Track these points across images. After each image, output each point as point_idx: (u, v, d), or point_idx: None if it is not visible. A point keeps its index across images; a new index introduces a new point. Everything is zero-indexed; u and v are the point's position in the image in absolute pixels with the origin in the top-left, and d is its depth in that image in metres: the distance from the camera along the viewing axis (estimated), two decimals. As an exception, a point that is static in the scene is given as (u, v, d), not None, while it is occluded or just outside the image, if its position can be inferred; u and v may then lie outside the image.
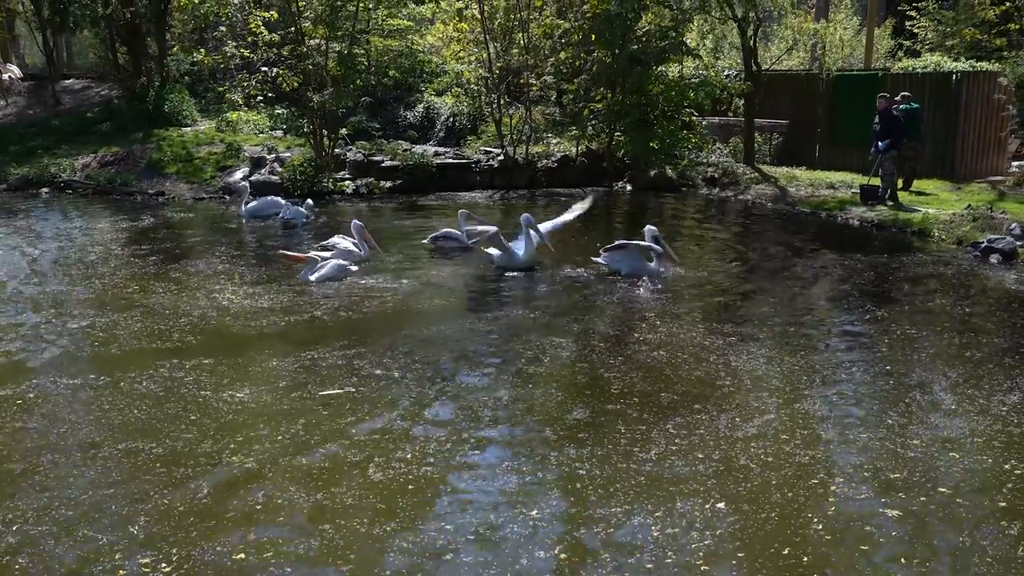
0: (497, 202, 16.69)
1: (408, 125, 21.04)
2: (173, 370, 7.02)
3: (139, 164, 18.75)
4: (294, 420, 6.02)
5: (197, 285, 9.80)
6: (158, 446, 5.58)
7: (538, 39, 18.58)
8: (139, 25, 22.34)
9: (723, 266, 11.44)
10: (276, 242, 12.59)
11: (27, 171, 18.41)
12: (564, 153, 18.37)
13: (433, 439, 5.79)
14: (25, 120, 23.04)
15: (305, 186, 16.72)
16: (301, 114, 17.74)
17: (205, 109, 22.48)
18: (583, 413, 6.25)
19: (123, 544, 4.49)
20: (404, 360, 7.35)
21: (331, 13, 17.28)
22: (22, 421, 6.10)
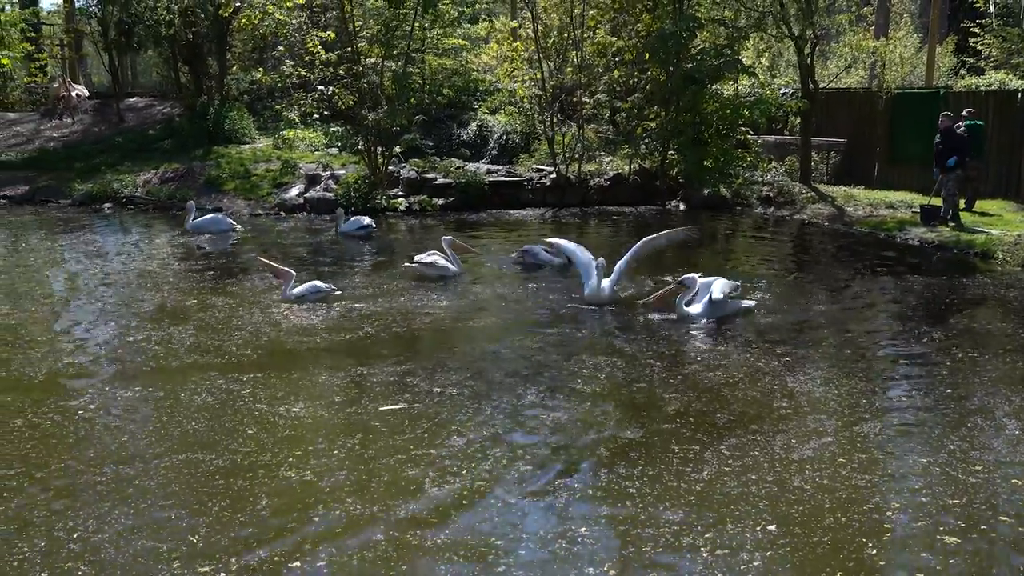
0: (549, 220, 16.70)
1: (461, 143, 21.19)
2: (229, 383, 7.12)
3: (198, 180, 19.14)
4: (351, 434, 6.07)
5: (252, 300, 9.94)
6: (217, 458, 5.66)
7: (592, 58, 18.60)
8: (201, 45, 22.87)
9: (778, 286, 11.29)
10: (331, 258, 12.75)
11: (91, 187, 18.90)
12: (617, 171, 18.34)
13: (489, 455, 5.79)
14: (90, 137, 23.71)
15: (359, 203, 16.92)
16: (356, 132, 17.97)
17: (263, 127, 22.89)
18: (637, 432, 6.20)
19: (182, 553, 4.55)
20: (457, 377, 7.37)
21: (387, 33, 17.53)
22: (84, 431, 6.23)
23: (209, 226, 14.51)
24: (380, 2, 17.56)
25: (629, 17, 18.17)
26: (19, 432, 6.12)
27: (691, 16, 16.86)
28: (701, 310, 8.98)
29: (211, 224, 14.54)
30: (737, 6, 18.17)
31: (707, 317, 8.94)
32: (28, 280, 11.55)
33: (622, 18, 18.35)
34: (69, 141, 23.60)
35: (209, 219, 14.69)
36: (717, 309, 8.92)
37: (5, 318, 9.30)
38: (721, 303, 8.90)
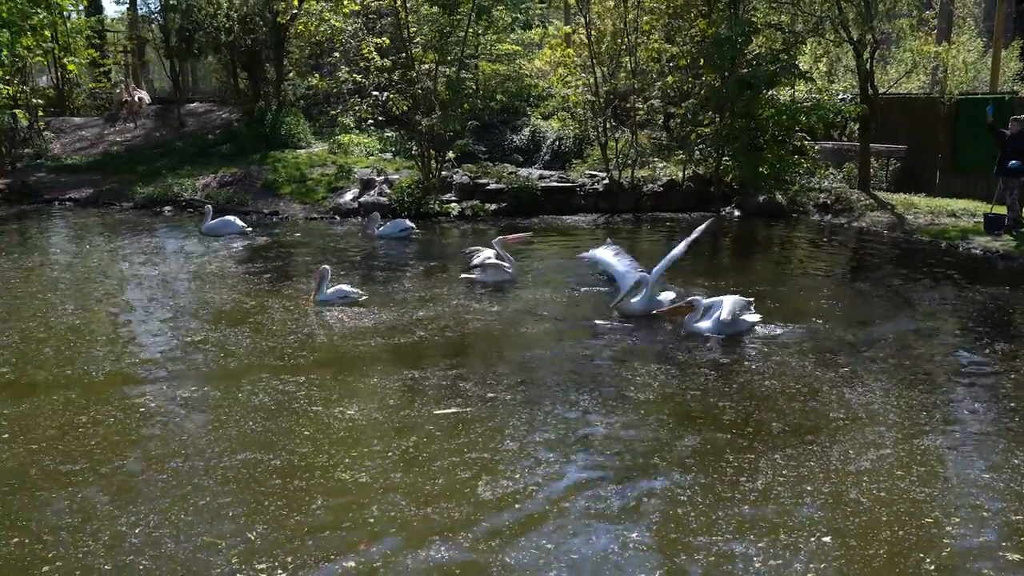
0: (601, 226, 16.65)
1: (514, 148, 21.24)
2: (285, 385, 7.22)
3: (255, 184, 19.46)
4: (405, 437, 6.12)
5: (306, 303, 10.06)
6: (274, 458, 5.75)
7: (645, 63, 18.52)
8: (259, 52, 23.25)
9: (836, 294, 11.10)
10: (383, 262, 12.87)
11: (152, 190, 19.34)
12: (670, 177, 18.22)
13: (541, 460, 5.80)
14: (152, 142, 24.27)
15: (412, 208, 17.06)
16: (410, 137, 18.12)
17: (318, 132, 23.20)
18: (692, 440, 6.16)
19: (240, 550, 4.64)
20: (509, 381, 7.38)
21: (441, 39, 17.66)
22: (146, 429, 6.38)
23: (222, 228, 15.11)
24: (435, 8, 17.68)
25: (684, 22, 18.05)
26: (84, 428, 6.29)
27: (747, 21, 16.69)
28: (710, 327, 8.80)
29: (223, 226, 15.14)
30: (794, 11, 17.93)
31: (716, 334, 8.75)
32: (91, 280, 11.85)
33: (676, 23, 18.24)
34: (132, 145, 24.19)
35: (221, 222, 15.25)
36: (726, 327, 8.74)
37: (70, 317, 9.56)
38: (731, 323, 8.74)
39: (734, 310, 8.76)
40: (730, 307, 8.76)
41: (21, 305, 10.11)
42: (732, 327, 8.74)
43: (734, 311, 8.74)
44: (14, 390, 7.16)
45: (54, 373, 7.58)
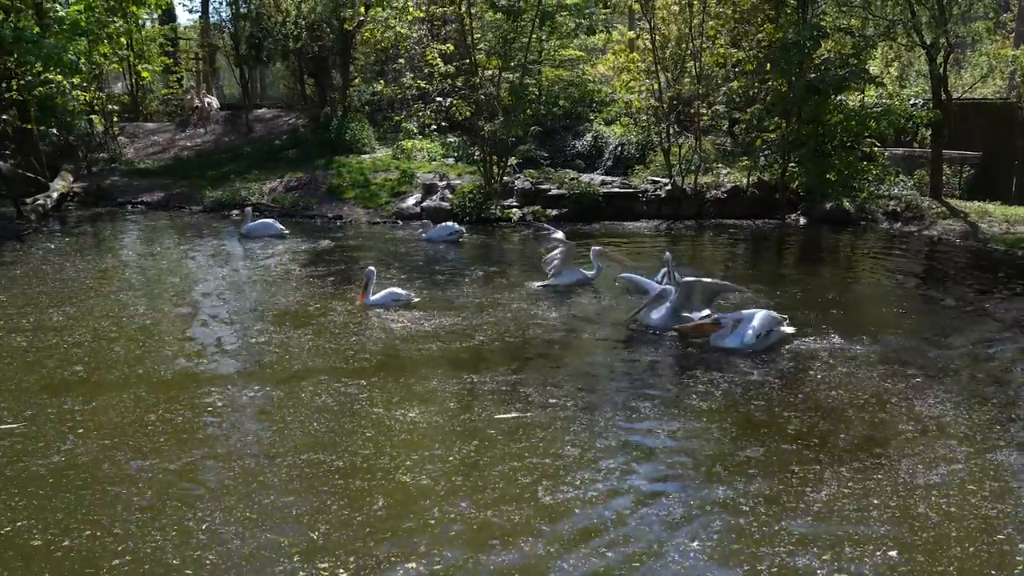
0: (663, 232, 16.51)
1: (576, 154, 21.20)
2: (346, 387, 7.30)
3: (320, 189, 19.76)
4: (466, 440, 6.14)
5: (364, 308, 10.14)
6: (337, 459, 5.81)
7: (710, 68, 18.33)
8: (325, 58, 23.64)
9: (905, 305, 10.82)
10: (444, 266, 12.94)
11: (220, 194, 19.77)
12: (734, 184, 17.98)
13: (602, 466, 5.77)
14: (221, 147, 24.83)
15: (474, 212, 17.14)
16: (472, 143, 18.22)
17: (382, 137, 23.47)
18: (756, 450, 6.06)
19: (303, 548, 4.70)
20: (569, 388, 7.36)
21: (504, 45, 17.73)
22: (212, 427, 6.50)
23: (260, 230, 15.58)
24: (499, 15, 17.76)
25: (750, 27, 17.82)
26: (153, 426, 6.44)
27: (815, 25, 16.41)
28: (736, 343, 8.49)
29: (262, 228, 15.61)
30: (865, 15, 17.57)
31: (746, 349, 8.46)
32: (161, 282, 12.15)
33: (743, 28, 18.01)
34: (202, 150, 24.78)
35: (260, 224, 15.74)
36: (759, 343, 8.46)
37: (141, 318, 9.81)
38: (758, 340, 8.45)
39: (762, 329, 8.43)
40: (758, 324, 8.44)
41: (95, 305, 10.41)
42: (759, 344, 8.44)
43: (762, 329, 8.43)
44: (87, 387, 7.37)
45: (124, 371, 7.78)
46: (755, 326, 8.41)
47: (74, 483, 5.49)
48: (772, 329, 8.54)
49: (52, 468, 5.69)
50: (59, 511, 5.12)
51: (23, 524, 4.96)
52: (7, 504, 5.18)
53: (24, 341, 8.70)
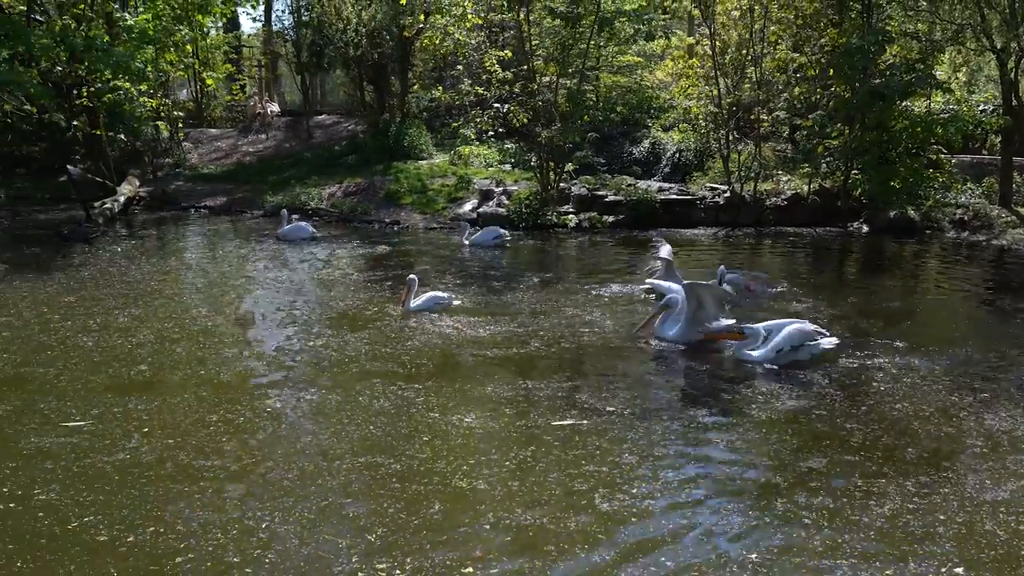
0: (721, 240, 16.32)
1: (633, 160, 21.09)
2: (403, 391, 7.34)
3: (378, 194, 19.96)
4: (523, 447, 6.11)
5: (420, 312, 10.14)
6: (395, 462, 5.84)
7: (771, 74, 18.08)
8: (385, 65, 23.91)
9: (972, 316, 10.53)
10: (498, 271, 12.95)
11: (281, 199, 20.09)
12: (795, 191, 17.70)
13: (660, 475, 5.71)
14: (282, 152, 25.27)
15: (530, 218, 17.16)
16: (529, 149, 18.24)
17: (440, 143, 23.65)
18: (818, 462, 5.93)
19: (360, 549, 4.73)
20: (625, 395, 7.29)
21: (562, 51, 17.73)
22: (272, 428, 6.59)
23: (294, 233, 16.13)
24: (557, 21, 17.76)
25: (813, 32, 17.53)
26: (215, 427, 6.54)
27: (880, 30, 16.08)
28: (761, 356, 8.15)
29: (295, 231, 16.16)
30: (932, 19, 17.18)
31: (769, 363, 8.14)
32: (223, 285, 12.38)
33: (805, 33, 17.72)
34: (263, 155, 25.24)
35: (293, 227, 16.27)
36: (780, 358, 8.13)
37: (203, 320, 10.00)
38: (785, 355, 8.10)
39: (786, 344, 8.04)
40: (782, 339, 8.05)
41: (158, 307, 10.64)
42: (784, 359, 8.10)
43: (785, 344, 8.04)
44: (150, 387, 7.53)
45: (186, 372, 7.93)
46: (778, 341, 8.04)
47: (138, 480, 5.60)
48: (803, 344, 8.10)
49: (117, 465, 5.82)
50: (124, 507, 5.23)
51: (89, 519, 5.08)
52: (75, 499, 5.31)
53: (91, 341, 8.93)
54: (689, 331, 8.61)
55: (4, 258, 13.91)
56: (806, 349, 8.15)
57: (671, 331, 8.72)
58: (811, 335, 8.18)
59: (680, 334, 8.68)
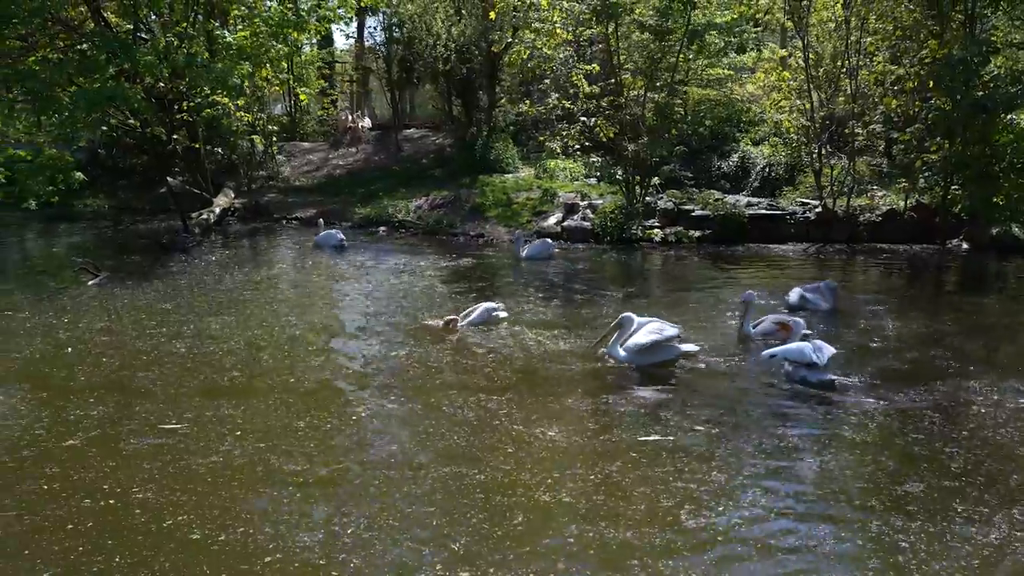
0: (811, 256, 15.90)
1: (721, 174, 20.76)
2: (485, 402, 7.36)
3: (464, 208, 20.13)
4: (608, 461, 6.05)
5: (505, 324, 10.17)
6: (479, 473, 5.85)
7: (867, 86, 17.58)
8: (473, 80, 24.15)
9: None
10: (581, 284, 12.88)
11: (369, 211, 20.47)
12: (890, 207, 17.14)
13: (748, 493, 5.57)
14: (371, 165, 25.73)
15: (615, 232, 17.05)
16: (615, 162, 18.13)
17: (525, 157, 23.73)
18: (915, 486, 5.69)
19: (444, 557, 4.74)
20: (710, 412, 7.15)
21: (650, 65, 17.60)
22: (358, 436, 6.68)
23: (324, 240, 17.18)
24: (646, 35, 17.65)
25: (912, 43, 16.98)
26: (303, 432, 6.67)
27: (984, 40, 15.46)
28: (622, 356, 8.37)
29: (326, 239, 17.17)
30: (1040, 28, 16.47)
31: (632, 363, 8.32)
32: (311, 294, 12.65)
33: (904, 44, 17.18)
34: (353, 169, 25.74)
35: (325, 235, 17.30)
36: (643, 356, 8.22)
37: (291, 328, 10.22)
38: (647, 350, 8.21)
39: (649, 338, 8.17)
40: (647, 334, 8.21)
41: (250, 315, 10.92)
42: (646, 359, 8.23)
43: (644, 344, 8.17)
44: (241, 393, 7.73)
45: (275, 379, 8.11)
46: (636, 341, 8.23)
47: (230, 482, 5.74)
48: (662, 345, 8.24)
49: (211, 467, 5.98)
50: (216, 507, 5.36)
51: (183, 518, 5.22)
52: (170, 499, 5.47)
53: (184, 347, 9.22)
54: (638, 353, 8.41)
55: (107, 266, 14.50)
56: (666, 351, 8.31)
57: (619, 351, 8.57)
58: (670, 337, 8.31)
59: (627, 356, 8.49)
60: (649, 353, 8.26)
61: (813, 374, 7.88)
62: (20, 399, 7.57)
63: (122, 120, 19.56)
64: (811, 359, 7.82)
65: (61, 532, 5.10)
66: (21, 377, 8.26)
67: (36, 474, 5.92)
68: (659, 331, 8.29)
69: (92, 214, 24.39)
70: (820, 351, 7.85)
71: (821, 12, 17.93)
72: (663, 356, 8.34)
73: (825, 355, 7.82)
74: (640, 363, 8.31)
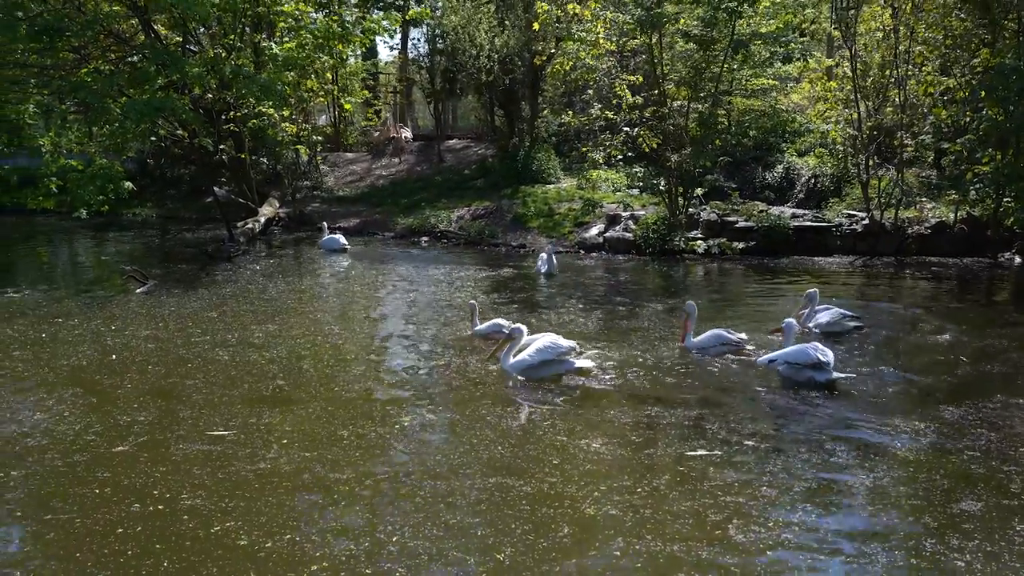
0: (858, 269, 15.65)
1: (765, 185, 20.56)
2: (529, 413, 7.35)
3: (505, 218, 20.17)
4: (656, 475, 5.98)
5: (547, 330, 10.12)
6: (524, 484, 5.81)
7: (916, 96, 17.29)
8: (515, 90, 24.22)
9: None
10: (624, 297, 12.80)
11: (411, 221, 20.60)
12: (940, 219, 16.83)
13: (798, 508, 5.46)
14: (413, 176, 25.91)
15: (657, 244, 16.97)
16: (658, 173, 18.04)
17: (567, 167, 23.72)
18: (972, 505, 5.54)
19: (488, 568, 4.72)
20: (755, 426, 7.04)
21: (694, 75, 17.51)
22: (402, 446, 6.68)
23: (328, 244, 18.29)
24: (690, 45, 17.57)
25: (963, 52, 16.70)
26: (347, 442, 6.69)
27: (1038, 49, 15.17)
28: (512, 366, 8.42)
29: (330, 243, 18.30)
30: (1096, 37, 16.06)
31: (525, 375, 8.35)
32: (353, 304, 12.72)
33: (954, 54, 16.90)
34: (396, 179, 25.94)
35: (328, 239, 18.46)
36: (534, 371, 8.25)
37: (334, 337, 10.29)
38: (533, 367, 8.27)
39: (542, 356, 8.23)
40: (538, 351, 8.27)
41: (293, 324, 11.01)
42: (538, 372, 8.25)
43: (541, 357, 8.23)
44: (285, 401, 7.77)
45: (318, 388, 8.15)
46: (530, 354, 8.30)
47: (277, 489, 5.77)
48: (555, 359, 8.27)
49: (258, 474, 6.02)
50: (263, 514, 5.39)
51: (231, 524, 5.25)
52: (218, 505, 5.51)
53: (227, 355, 9.32)
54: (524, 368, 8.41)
55: (154, 274, 14.73)
56: (559, 365, 8.33)
57: (510, 362, 8.55)
58: (565, 351, 8.33)
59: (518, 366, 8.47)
60: (535, 368, 8.36)
61: (820, 374, 7.98)
62: (70, 405, 7.70)
63: (171, 131, 19.90)
64: (815, 359, 7.94)
65: (111, 536, 5.16)
66: (71, 383, 8.39)
67: (88, 479, 6.01)
68: (549, 346, 8.35)
69: (140, 223, 24.88)
70: (824, 351, 7.99)
71: (869, 21, 17.69)
72: (552, 371, 8.39)
73: (829, 355, 7.97)
74: (530, 376, 8.38)
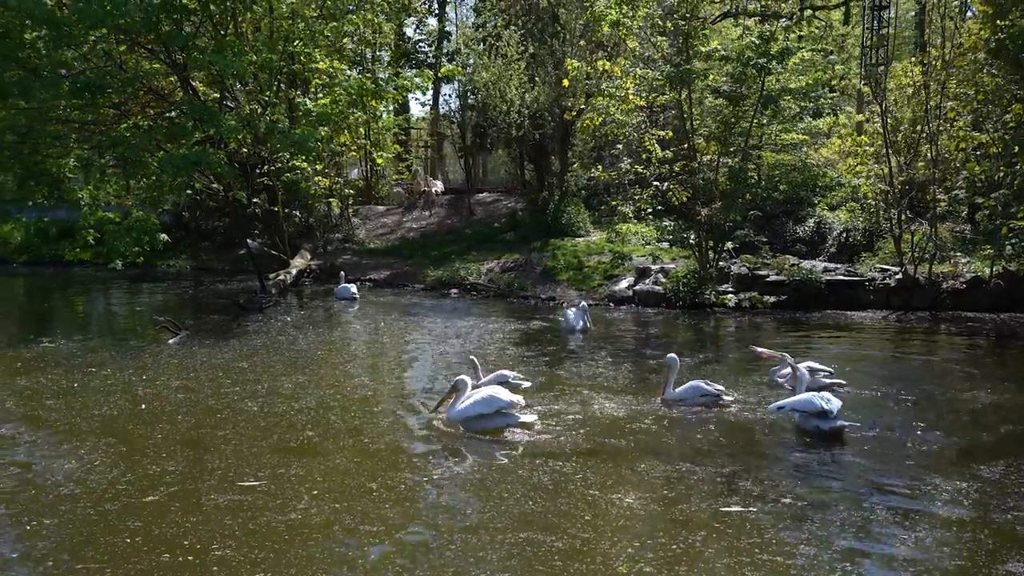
0: (892, 324, 15.45)
1: (797, 239, 20.49)
2: (559, 467, 7.24)
3: (535, 271, 20.22)
4: (691, 531, 5.86)
5: (573, 389, 10.04)
6: (556, 540, 5.71)
7: (948, 151, 17.23)
8: (545, 145, 24.47)
9: None
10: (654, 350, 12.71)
11: (441, 274, 20.70)
12: (975, 274, 16.63)
13: (837, 568, 5.31)
14: (443, 228, 26.13)
15: (687, 297, 16.89)
16: (688, 227, 18.05)
17: (597, 221, 23.82)
18: (1018, 567, 5.36)
19: (521, 630, 4.61)
20: (790, 483, 6.90)
21: (724, 130, 17.59)
22: (433, 498, 6.62)
23: (341, 293, 18.98)
24: (719, 100, 17.68)
25: (995, 108, 16.65)
26: (377, 494, 6.64)
27: (1071, 105, 15.11)
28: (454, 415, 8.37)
29: (342, 292, 19.01)
30: None
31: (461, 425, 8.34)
32: (383, 355, 12.75)
33: (986, 109, 16.86)
34: (426, 231, 26.16)
35: (341, 288, 19.13)
36: (474, 423, 8.27)
37: (363, 389, 10.29)
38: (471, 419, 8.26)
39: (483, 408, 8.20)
40: (479, 403, 8.24)
41: (322, 375, 11.04)
42: (477, 425, 8.25)
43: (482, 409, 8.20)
44: (315, 452, 7.75)
45: (347, 440, 8.12)
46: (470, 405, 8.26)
47: (307, 541, 5.72)
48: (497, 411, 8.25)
49: (288, 524, 5.98)
50: (293, 566, 5.34)
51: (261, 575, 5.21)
52: (247, 556, 5.47)
53: (256, 406, 9.35)
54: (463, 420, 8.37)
55: (187, 325, 14.87)
56: (500, 418, 8.27)
57: (455, 412, 8.45)
58: (506, 405, 8.27)
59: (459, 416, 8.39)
60: (474, 421, 8.31)
61: (825, 423, 8.00)
62: (102, 454, 7.72)
63: (206, 184, 20.27)
64: (820, 408, 7.97)
65: (141, 587, 5.13)
66: (103, 432, 8.43)
67: (119, 527, 6.00)
68: (487, 398, 8.29)
69: (175, 274, 25.22)
70: (828, 400, 8.03)
71: (900, 77, 17.73)
72: (493, 424, 8.31)
73: (835, 403, 8.01)
74: (470, 428, 8.33)
